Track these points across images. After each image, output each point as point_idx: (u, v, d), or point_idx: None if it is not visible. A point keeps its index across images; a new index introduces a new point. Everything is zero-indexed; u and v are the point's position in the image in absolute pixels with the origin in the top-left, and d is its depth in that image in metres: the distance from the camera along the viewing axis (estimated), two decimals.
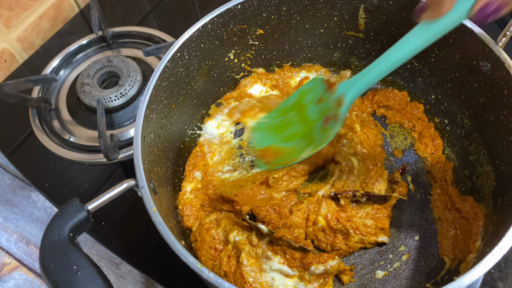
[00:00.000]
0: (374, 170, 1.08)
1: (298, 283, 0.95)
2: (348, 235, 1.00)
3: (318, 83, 1.05)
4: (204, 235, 1.02)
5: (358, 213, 1.02)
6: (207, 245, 1.01)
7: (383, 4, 1.09)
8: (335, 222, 1.01)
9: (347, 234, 1.00)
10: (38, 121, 1.34)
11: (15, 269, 1.20)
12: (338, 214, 1.01)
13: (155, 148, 0.98)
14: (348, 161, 1.10)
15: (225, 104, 1.26)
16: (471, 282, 0.71)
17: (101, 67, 1.37)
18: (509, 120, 0.90)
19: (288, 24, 1.19)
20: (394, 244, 1.03)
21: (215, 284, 0.73)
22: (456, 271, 0.93)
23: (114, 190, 0.82)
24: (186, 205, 1.09)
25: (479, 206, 0.98)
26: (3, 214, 1.29)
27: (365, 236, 1.00)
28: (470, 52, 0.98)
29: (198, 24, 1.07)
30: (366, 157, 1.11)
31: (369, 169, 1.08)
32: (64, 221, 0.75)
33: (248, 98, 1.26)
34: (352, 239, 1.00)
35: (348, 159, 1.10)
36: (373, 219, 1.01)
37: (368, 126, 1.17)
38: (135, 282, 1.14)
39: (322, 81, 1.04)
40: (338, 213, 1.02)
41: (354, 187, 1.05)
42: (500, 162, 0.95)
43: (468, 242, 0.94)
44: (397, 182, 1.06)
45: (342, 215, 1.01)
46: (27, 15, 1.56)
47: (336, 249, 1.01)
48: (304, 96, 1.08)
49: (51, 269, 0.69)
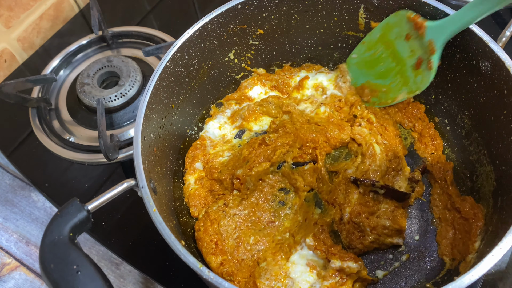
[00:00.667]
0: (396, 162, 1.07)
1: (316, 281, 0.95)
2: (364, 234, 0.99)
3: (402, 19, 1.05)
4: (208, 227, 1.02)
5: (378, 210, 1.01)
6: (209, 238, 1.01)
7: (383, 4, 1.09)
8: (357, 215, 1.00)
9: (363, 232, 0.99)
10: (38, 121, 1.34)
11: (15, 269, 1.20)
12: (360, 207, 1.01)
13: (155, 148, 0.98)
14: (370, 146, 1.10)
15: (226, 105, 1.26)
16: (471, 282, 0.71)
17: (101, 67, 1.37)
18: (509, 120, 0.90)
19: (288, 24, 1.19)
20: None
21: (215, 284, 0.73)
22: (456, 271, 0.93)
23: (114, 190, 0.82)
24: (191, 196, 1.09)
25: (479, 207, 0.98)
26: (3, 214, 1.29)
27: (381, 236, 0.99)
28: (470, 52, 0.98)
29: (198, 24, 1.07)
30: (387, 148, 1.11)
31: (391, 161, 1.08)
32: (64, 221, 0.75)
33: (247, 102, 1.26)
34: (368, 238, 0.99)
35: (370, 144, 1.10)
36: (391, 219, 1.00)
37: (382, 117, 1.17)
38: (135, 282, 1.14)
39: (407, 18, 1.04)
40: (360, 206, 1.02)
41: (375, 176, 1.05)
42: (500, 162, 0.94)
43: (467, 243, 0.94)
44: (418, 181, 1.06)
45: (364, 209, 1.01)
46: (27, 15, 1.56)
47: (352, 247, 1.00)
48: (389, 31, 1.10)
49: (51, 269, 0.69)
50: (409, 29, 1.04)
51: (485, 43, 0.93)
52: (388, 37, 1.10)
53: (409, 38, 1.05)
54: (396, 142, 1.12)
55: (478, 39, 0.94)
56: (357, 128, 1.13)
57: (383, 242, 1.00)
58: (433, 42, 0.99)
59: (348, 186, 1.05)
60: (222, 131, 1.22)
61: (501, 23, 1.39)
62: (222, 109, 1.26)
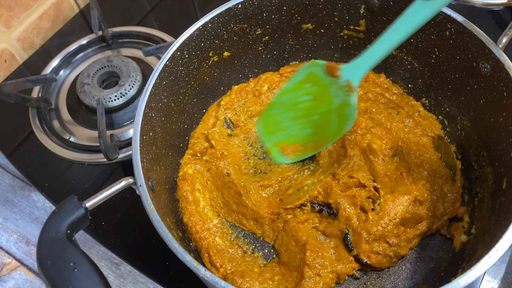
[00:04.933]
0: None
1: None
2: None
3: (315, 69, 1.03)
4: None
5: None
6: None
7: (384, 5, 1.09)
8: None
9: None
10: (38, 121, 1.35)
11: (15, 269, 1.20)
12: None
13: (154, 146, 0.98)
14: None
15: (226, 105, 1.26)
16: (468, 283, 0.70)
17: (101, 67, 1.37)
18: (508, 122, 0.90)
19: (288, 24, 1.19)
20: None
21: (211, 283, 0.73)
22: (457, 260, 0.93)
23: (112, 188, 0.82)
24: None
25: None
26: (3, 214, 1.29)
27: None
28: (470, 53, 0.98)
29: (199, 23, 1.07)
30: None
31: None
32: (62, 218, 0.75)
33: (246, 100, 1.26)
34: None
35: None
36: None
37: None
38: (135, 282, 1.14)
39: (320, 66, 1.02)
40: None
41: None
42: (500, 164, 0.94)
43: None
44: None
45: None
46: (27, 15, 1.56)
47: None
48: (299, 90, 1.06)
49: (48, 266, 0.69)
50: (322, 78, 1.02)
51: (485, 45, 0.93)
52: (298, 99, 1.07)
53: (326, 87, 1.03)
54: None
55: (478, 41, 0.94)
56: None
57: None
58: (351, 82, 0.98)
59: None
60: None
61: (501, 24, 1.39)
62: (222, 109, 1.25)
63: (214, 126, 1.18)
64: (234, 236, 1.06)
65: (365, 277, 0.99)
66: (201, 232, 1.02)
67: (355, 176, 1.02)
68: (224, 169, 1.09)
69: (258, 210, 1.03)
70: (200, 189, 1.09)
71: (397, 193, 1.00)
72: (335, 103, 1.02)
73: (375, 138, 1.08)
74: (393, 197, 0.98)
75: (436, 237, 1.03)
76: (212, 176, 1.11)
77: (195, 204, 1.06)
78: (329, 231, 1.00)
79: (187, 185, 1.08)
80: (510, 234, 0.75)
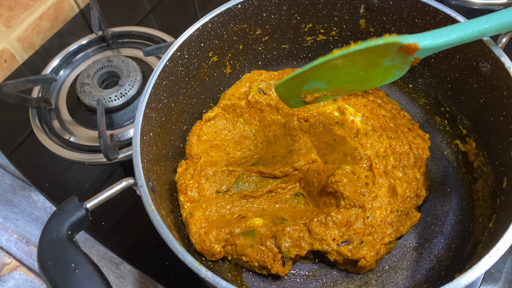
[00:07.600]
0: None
1: None
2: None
3: (392, 46, 0.88)
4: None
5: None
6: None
7: (383, 4, 1.09)
8: None
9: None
10: (38, 121, 1.35)
11: (15, 269, 1.20)
12: None
13: (154, 146, 0.98)
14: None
15: (225, 105, 1.26)
16: (469, 282, 0.70)
17: (101, 67, 1.37)
18: (508, 121, 0.90)
19: (288, 24, 1.19)
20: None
21: (212, 283, 0.73)
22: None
23: (113, 189, 0.82)
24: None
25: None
26: (3, 214, 1.29)
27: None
28: (470, 52, 0.98)
29: (199, 23, 1.07)
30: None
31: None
32: (63, 219, 0.75)
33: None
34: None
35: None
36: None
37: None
38: (135, 282, 1.14)
39: (396, 47, 0.88)
40: None
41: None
42: (500, 163, 0.94)
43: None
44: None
45: None
46: (27, 15, 1.56)
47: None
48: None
49: (49, 267, 0.69)
50: (396, 57, 0.91)
51: (485, 44, 0.93)
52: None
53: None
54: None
55: (478, 40, 0.94)
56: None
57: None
58: (419, 58, 0.90)
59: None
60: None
61: None
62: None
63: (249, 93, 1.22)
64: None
65: (365, 277, 0.99)
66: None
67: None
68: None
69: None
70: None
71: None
72: (383, 66, 0.93)
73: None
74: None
75: (437, 236, 1.02)
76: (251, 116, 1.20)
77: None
78: None
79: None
80: (511, 233, 0.75)
